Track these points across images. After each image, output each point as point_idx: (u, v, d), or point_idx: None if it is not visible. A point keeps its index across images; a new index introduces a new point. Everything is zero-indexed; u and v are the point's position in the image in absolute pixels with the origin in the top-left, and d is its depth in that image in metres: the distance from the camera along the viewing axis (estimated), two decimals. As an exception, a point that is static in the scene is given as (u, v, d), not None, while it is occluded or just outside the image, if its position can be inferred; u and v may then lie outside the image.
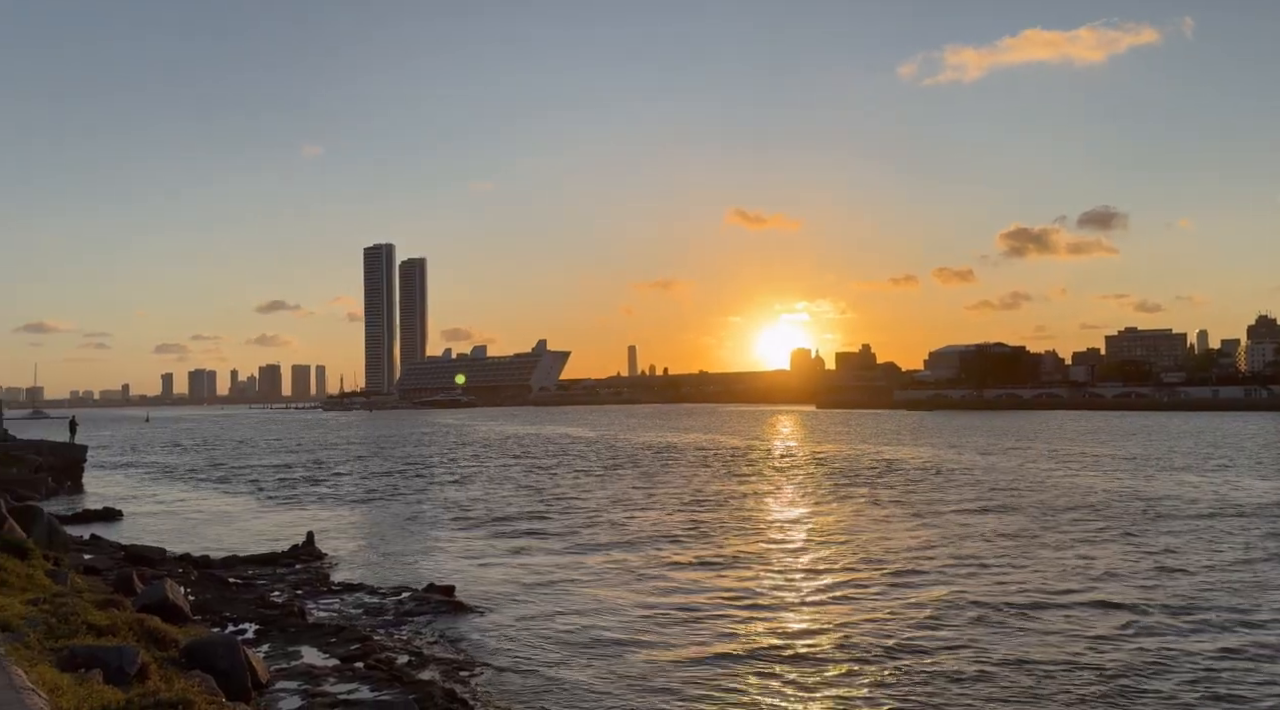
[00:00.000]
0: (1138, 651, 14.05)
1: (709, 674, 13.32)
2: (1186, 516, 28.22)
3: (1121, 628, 15.42)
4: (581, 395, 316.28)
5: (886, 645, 14.53)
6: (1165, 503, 31.58)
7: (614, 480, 43.54)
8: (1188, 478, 40.34)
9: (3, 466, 39.19)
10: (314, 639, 14.74)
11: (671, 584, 19.57)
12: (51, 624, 9.53)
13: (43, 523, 21.48)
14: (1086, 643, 14.56)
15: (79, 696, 6.40)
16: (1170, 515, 28.55)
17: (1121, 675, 12.94)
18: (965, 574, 19.97)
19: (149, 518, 32.63)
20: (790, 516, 30.24)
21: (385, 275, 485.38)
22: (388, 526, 29.63)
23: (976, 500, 33.10)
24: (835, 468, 48.52)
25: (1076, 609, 16.72)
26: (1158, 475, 41.66)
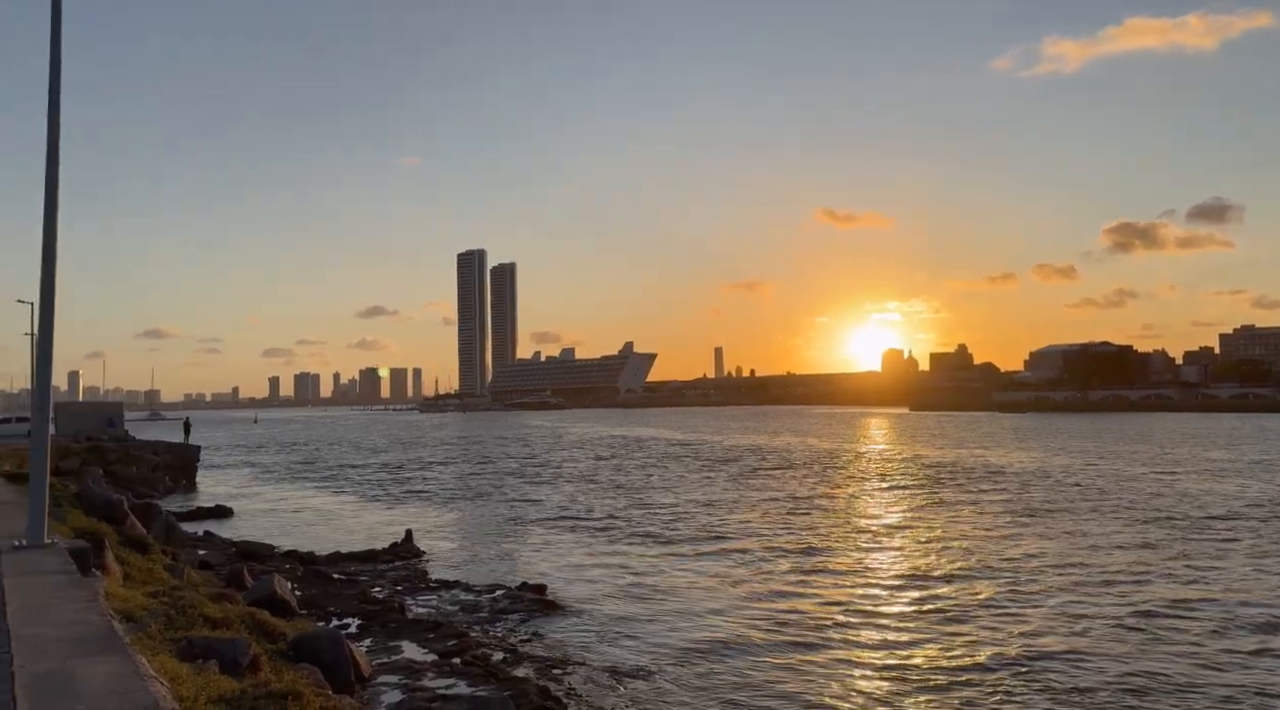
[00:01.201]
0: (1263, 673, 13.24)
1: (802, 682, 13.12)
2: (1315, 525, 26.50)
3: (1247, 648, 14.57)
4: (668, 397, 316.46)
5: (993, 656, 14.07)
6: (1290, 510, 29.72)
7: (704, 482, 43.40)
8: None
9: (124, 465, 41.48)
10: (413, 634, 15.11)
11: (765, 588, 19.37)
12: (171, 615, 10.00)
13: (161, 520, 22.69)
14: (1204, 660, 13.81)
15: (197, 685, 6.70)
16: (1296, 523, 26.86)
17: (1242, 698, 12.22)
18: (1074, 583, 19.18)
19: (257, 515, 34.05)
20: (888, 522, 29.59)
21: (477, 280, 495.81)
22: (482, 525, 30.20)
23: (1085, 506, 31.78)
24: (933, 472, 47.29)
25: (1198, 624, 15.87)
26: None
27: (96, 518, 16.44)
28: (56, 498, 16.24)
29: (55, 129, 12.01)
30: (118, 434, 52.52)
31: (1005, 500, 33.86)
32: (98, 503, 18.75)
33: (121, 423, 55.63)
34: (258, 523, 31.63)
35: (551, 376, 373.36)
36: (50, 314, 11.95)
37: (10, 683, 5.76)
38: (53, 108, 12.01)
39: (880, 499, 35.84)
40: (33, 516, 11.47)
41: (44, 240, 11.78)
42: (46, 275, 11.82)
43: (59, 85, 12.08)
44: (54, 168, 11.97)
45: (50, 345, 12.10)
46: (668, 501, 35.46)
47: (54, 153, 11.98)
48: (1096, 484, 39.06)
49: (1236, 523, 27.20)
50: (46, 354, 12.07)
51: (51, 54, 12.04)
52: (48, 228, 11.79)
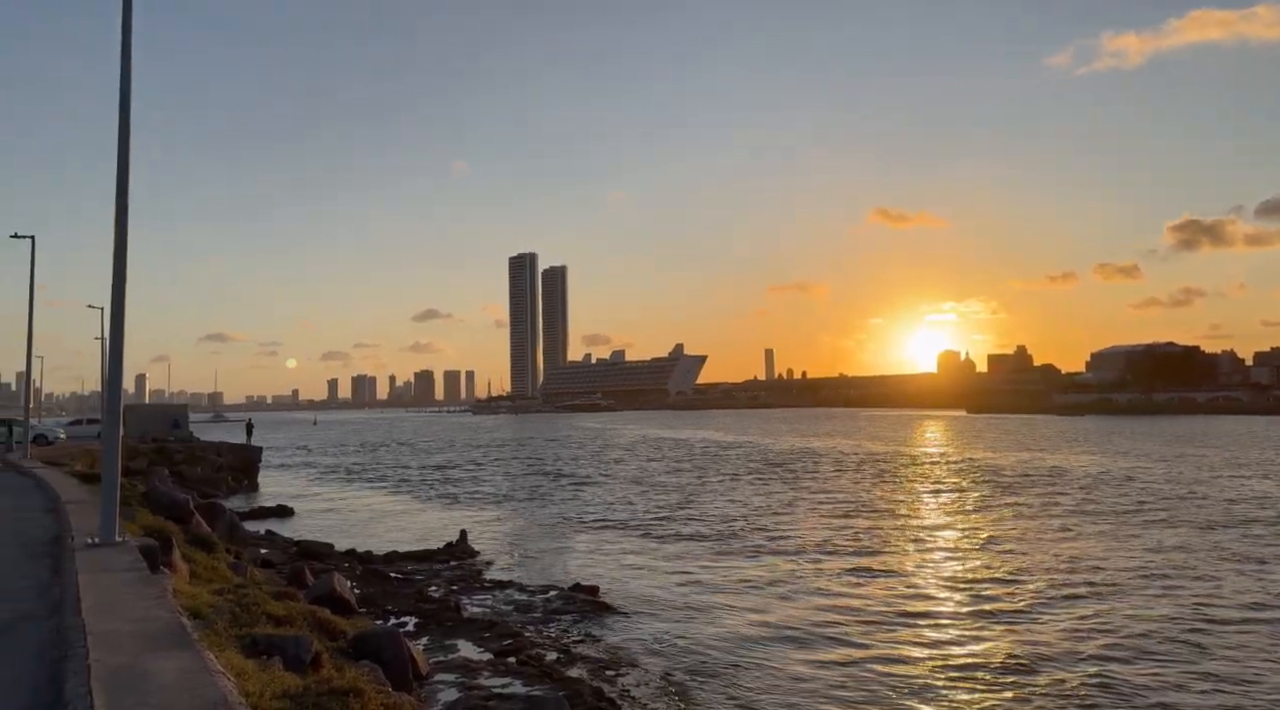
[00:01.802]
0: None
1: (856, 687, 12.96)
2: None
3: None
4: (718, 399, 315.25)
5: (1047, 660, 13.74)
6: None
7: (756, 485, 43.14)
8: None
9: (190, 466, 42.62)
10: (469, 633, 15.27)
11: (819, 591, 19.18)
12: (235, 613, 10.23)
13: (225, 519, 23.26)
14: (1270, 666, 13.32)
15: (262, 681, 6.84)
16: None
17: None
18: (1141, 589, 18.65)
19: (317, 514, 34.72)
20: (944, 525, 29.09)
21: (529, 283, 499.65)
22: (535, 526, 30.40)
23: (1149, 510, 30.88)
24: (991, 475, 46.38)
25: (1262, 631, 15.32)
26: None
27: (164, 517, 16.90)
28: (125, 497, 16.70)
29: (125, 135, 12.24)
30: (183, 435, 53.94)
31: (1065, 504, 33.04)
32: (165, 502, 19.27)
33: (186, 424, 57.07)
34: (317, 522, 32.26)
35: (602, 378, 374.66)
36: (121, 319, 12.28)
37: (86, 676, 5.95)
38: (123, 113, 12.20)
39: (936, 502, 35.24)
40: (104, 515, 11.83)
41: (115, 246, 12.05)
42: (117, 281, 12.12)
43: (129, 90, 12.26)
44: (124, 174, 12.21)
45: (121, 350, 12.43)
46: (720, 504, 35.32)
47: (124, 159, 12.22)
48: (1161, 487, 37.93)
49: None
50: (118, 358, 12.42)
51: (122, 61, 12.28)
52: (119, 234, 12.06)
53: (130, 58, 12.30)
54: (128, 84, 12.27)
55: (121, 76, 12.26)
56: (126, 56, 12.27)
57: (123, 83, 12.26)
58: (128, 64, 12.29)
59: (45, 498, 18.84)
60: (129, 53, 12.29)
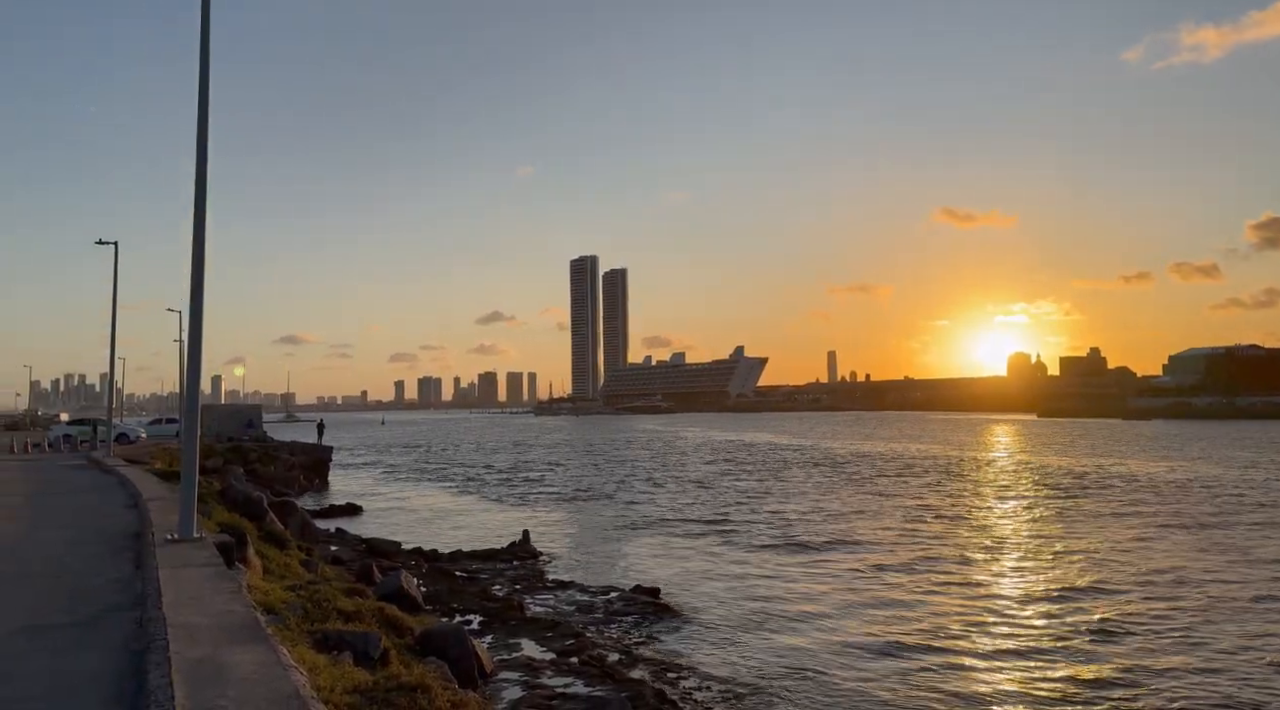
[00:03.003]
0: None
1: (917, 695, 12.71)
2: None
3: None
4: (779, 401, 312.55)
5: (1111, 672, 13.31)
6: None
7: (819, 489, 42.67)
8: None
9: (263, 465, 43.78)
10: (532, 633, 15.40)
11: (883, 598, 18.89)
12: (307, 609, 10.48)
13: (297, 517, 23.84)
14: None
15: (333, 676, 7.00)
16: None
17: None
18: (1213, 599, 17.95)
19: (385, 513, 35.40)
20: (1012, 533, 28.40)
21: (590, 286, 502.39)
22: (596, 527, 30.53)
23: (1231, 518, 29.69)
24: (1062, 481, 45.11)
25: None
26: None
27: (239, 514, 17.37)
28: (202, 495, 17.22)
29: (204, 141, 12.49)
30: (257, 434, 55.39)
31: (1141, 511, 31.96)
32: (239, 500, 19.81)
33: (260, 424, 58.56)
34: (385, 520, 32.88)
35: (662, 380, 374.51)
36: (199, 322, 12.63)
37: (167, 668, 6.15)
38: (201, 119, 12.45)
39: (1003, 510, 34.41)
40: (183, 512, 12.20)
41: (193, 251, 12.35)
42: (195, 285, 12.45)
43: (207, 96, 12.51)
44: (203, 181, 12.46)
45: (199, 351, 12.79)
46: (782, 508, 35.02)
47: (202, 166, 12.48)
48: (1245, 494, 36.41)
49: None
50: (196, 359, 12.79)
51: (200, 67, 12.57)
52: (196, 240, 12.37)
53: (209, 64, 12.60)
54: (206, 89, 12.52)
55: (200, 82, 12.51)
56: (205, 63, 12.56)
57: (201, 88, 12.51)
58: (206, 70, 12.56)
59: (127, 495, 19.53)
60: (207, 59, 12.58)
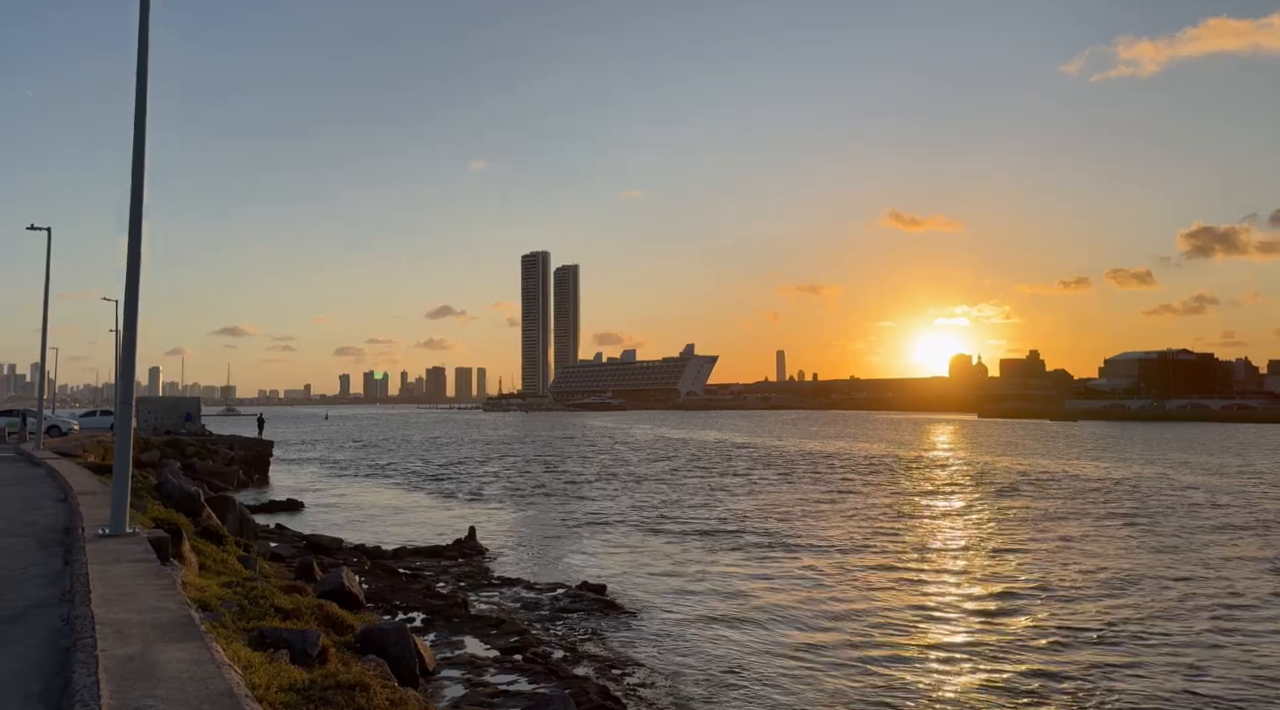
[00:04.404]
0: None
1: (861, 688, 12.91)
2: None
3: None
4: (728, 400, 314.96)
5: (1044, 663, 13.68)
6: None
7: (766, 486, 43.06)
8: None
9: (201, 459, 42.81)
10: (476, 630, 15.28)
11: (829, 595, 19.12)
12: (244, 606, 10.26)
13: (235, 512, 23.31)
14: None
15: (269, 674, 6.86)
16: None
17: None
18: (1145, 591, 18.54)
19: (327, 509, 34.84)
20: (952, 530, 28.99)
21: (541, 282, 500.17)
22: (544, 524, 30.42)
23: (1154, 516, 30.68)
24: (1003, 480, 46.16)
25: None
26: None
27: (174, 509, 16.95)
28: (137, 489, 16.77)
29: (141, 129, 12.23)
30: (195, 428, 54.29)
31: (1075, 510, 32.85)
32: (176, 494, 19.32)
33: (198, 417, 57.37)
34: (327, 517, 32.37)
35: (612, 378, 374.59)
36: (134, 312, 12.31)
37: (95, 666, 5.97)
38: (139, 107, 12.19)
39: (946, 508, 35.10)
40: (115, 506, 11.86)
41: (129, 239, 12.07)
42: (131, 274, 12.14)
43: (145, 85, 12.24)
44: (139, 168, 12.21)
45: (134, 342, 12.46)
46: (730, 505, 35.26)
47: (139, 153, 12.22)
48: (1168, 495, 37.66)
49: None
50: (131, 350, 12.46)
51: (139, 56, 12.30)
52: (133, 228, 12.09)
53: (147, 52, 12.31)
54: (144, 78, 12.26)
55: (138, 71, 12.26)
56: (143, 51, 12.29)
57: (139, 77, 12.25)
58: (144, 58, 12.30)
59: (57, 488, 18.94)
60: (146, 47, 12.30)
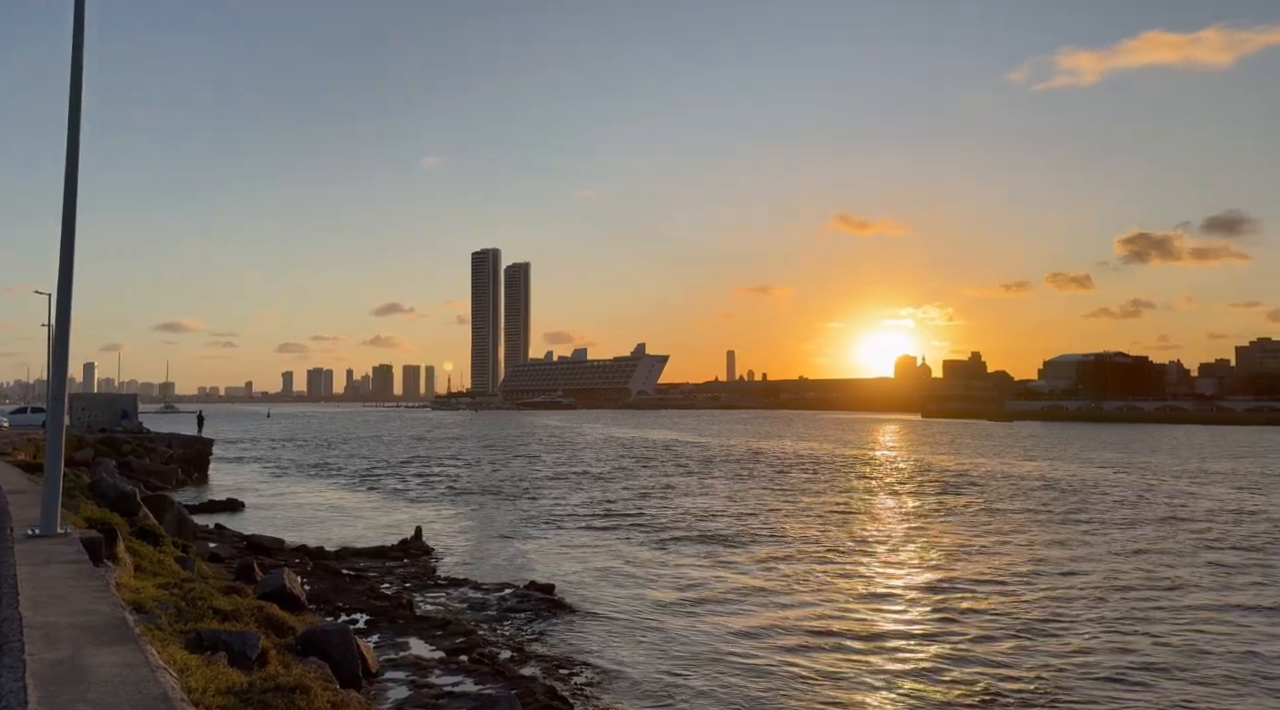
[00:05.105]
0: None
1: (809, 687, 13.08)
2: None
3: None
4: (679, 399, 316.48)
5: (996, 659, 14.00)
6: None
7: (715, 486, 43.34)
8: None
9: (138, 457, 41.72)
10: (421, 631, 15.13)
11: (776, 591, 19.32)
12: (181, 607, 10.04)
13: (173, 511, 22.76)
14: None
15: (206, 677, 6.72)
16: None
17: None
18: (1079, 590, 19.08)
19: (269, 509, 34.19)
20: (899, 528, 29.47)
21: (491, 280, 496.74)
22: (492, 524, 30.23)
23: (1093, 514, 31.57)
24: (943, 478, 47.07)
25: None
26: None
27: (109, 509, 16.50)
28: (70, 488, 16.31)
29: (76, 122, 12.01)
30: (132, 426, 52.90)
31: (1010, 506, 33.64)
32: (110, 494, 18.82)
33: (135, 415, 55.95)
34: (268, 517, 31.77)
35: (563, 377, 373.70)
36: (67, 306, 12.00)
37: (22, 670, 5.79)
38: (74, 101, 12.00)
39: (891, 505, 35.70)
40: (46, 506, 11.52)
41: (63, 233, 11.82)
42: (64, 267, 11.87)
43: (80, 79, 12.07)
44: (74, 161, 11.99)
45: (67, 337, 12.15)
46: (679, 504, 35.42)
47: (74, 145, 12.00)
48: (1104, 493, 38.80)
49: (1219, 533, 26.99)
50: (63, 346, 12.13)
51: (74, 49, 12.06)
52: (66, 220, 11.82)
53: (82, 42, 12.09)
54: (79, 69, 12.07)
55: (73, 61, 12.06)
56: (78, 41, 12.07)
57: (74, 68, 12.05)
58: (79, 49, 12.07)
59: (-15, 488, 18.29)
60: (81, 37, 12.08)
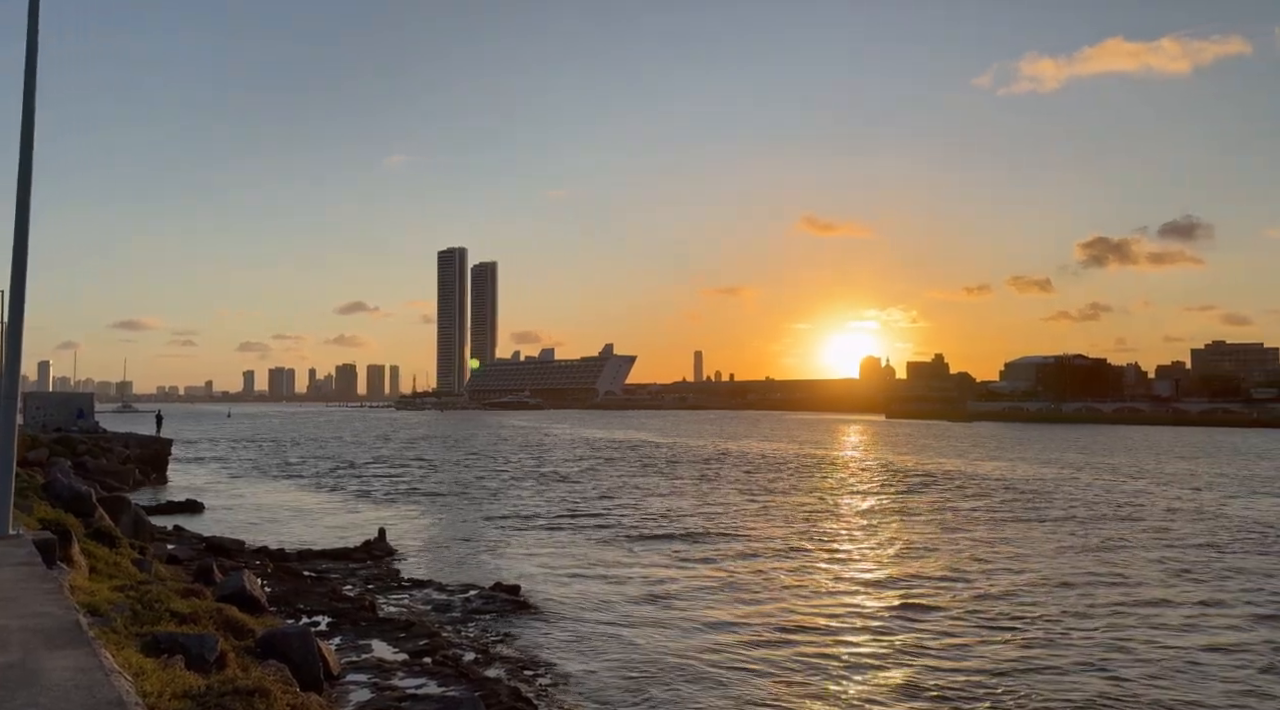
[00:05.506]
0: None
1: (776, 685, 13.17)
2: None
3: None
4: (647, 400, 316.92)
5: (966, 659, 14.20)
6: (1223, 523, 30.21)
7: (681, 485, 43.44)
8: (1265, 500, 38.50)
9: (94, 457, 40.90)
10: (384, 633, 15.01)
11: (741, 591, 19.42)
12: (137, 610, 9.88)
13: (130, 513, 22.36)
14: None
15: (162, 681, 6.62)
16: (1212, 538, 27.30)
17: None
18: (1036, 585, 19.40)
19: (229, 510, 33.70)
20: (864, 528, 29.75)
21: (458, 279, 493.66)
22: (457, 525, 30.06)
23: (1045, 513, 32.10)
24: (906, 479, 47.59)
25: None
26: (1239, 495, 39.89)
27: (63, 510, 16.20)
28: (23, 488, 15.98)
29: (30, 118, 11.88)
30: (87, 425, 51.86)
31: (976, 507, 34.12)
32: (65, 495, 18.47)
33: (92, 414, 54.86)
34: (228, 518, 31.32)
35: (530, 377, 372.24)
36: (21, 303, 11.82)
37: (-30, 675, 5.67)
38: (28, 98, 11.88)
39: (856, 506, 36.00)
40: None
41: (16, 229, 11.69)
42: (17, 264, 11.70)
43: (35, 76, 11.94)
44: (28, 157, 11.83)
45: (20, 334, 11.97)
46: (645, 504, 35.45)
47: (28, 141, 11.85)
48: (1064, 493, 39.49)
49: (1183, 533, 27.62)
50: (16, 342, 11.94)
51: (28, 45, 11.90)
52: (20, 217, 11.67)
53: (37, 38, 11.93)
54: (33, 67, 11.96)
55: (27, 58, 11.94)
56: (33, 38, 11.92)
57: (28, 67, 11.93)
58: (34, 45, 11.92)
59: (-66, 489, 17.83)
60: (35, 33, 11.91)
